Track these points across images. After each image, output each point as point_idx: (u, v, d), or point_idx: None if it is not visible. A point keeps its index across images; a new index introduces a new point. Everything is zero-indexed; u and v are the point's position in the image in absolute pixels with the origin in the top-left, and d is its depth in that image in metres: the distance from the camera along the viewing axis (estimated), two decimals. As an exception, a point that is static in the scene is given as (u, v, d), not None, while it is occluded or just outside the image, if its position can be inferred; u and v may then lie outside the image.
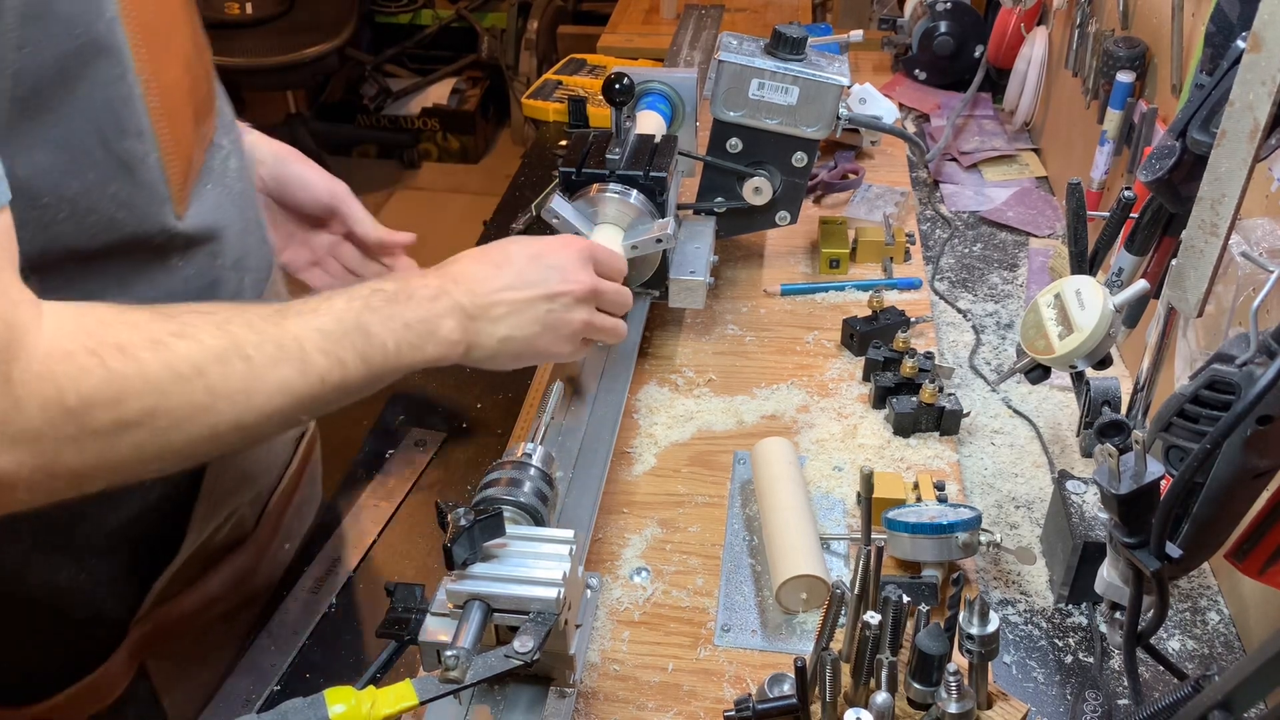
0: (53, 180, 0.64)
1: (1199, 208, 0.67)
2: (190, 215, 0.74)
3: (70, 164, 0.64)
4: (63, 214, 0.65)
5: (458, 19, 4.09)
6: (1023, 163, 1.59)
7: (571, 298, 0.85)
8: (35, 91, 0.61)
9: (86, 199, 0.66)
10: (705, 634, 0.86)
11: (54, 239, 0.66)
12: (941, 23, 1.73)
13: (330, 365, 0.69)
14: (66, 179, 0.65)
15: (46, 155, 0.63)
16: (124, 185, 0.68)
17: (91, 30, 0.63)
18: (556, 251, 0.87)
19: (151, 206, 0.71)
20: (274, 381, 0.66)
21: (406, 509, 0.99)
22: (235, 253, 0.81)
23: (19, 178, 0.60)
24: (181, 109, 0.73)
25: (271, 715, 0.60)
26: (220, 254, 0.79)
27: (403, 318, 0.75)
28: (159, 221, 0.72)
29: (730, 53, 1.13)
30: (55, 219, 0.65)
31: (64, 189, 0.65)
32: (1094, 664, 0.84)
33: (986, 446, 1.06)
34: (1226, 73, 0.70)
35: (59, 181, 0.64)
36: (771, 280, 1.30)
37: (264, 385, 0.66)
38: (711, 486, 1.00)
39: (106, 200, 0.67)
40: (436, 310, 0.78)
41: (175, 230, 0.73)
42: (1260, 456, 0.61)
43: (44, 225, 0.64)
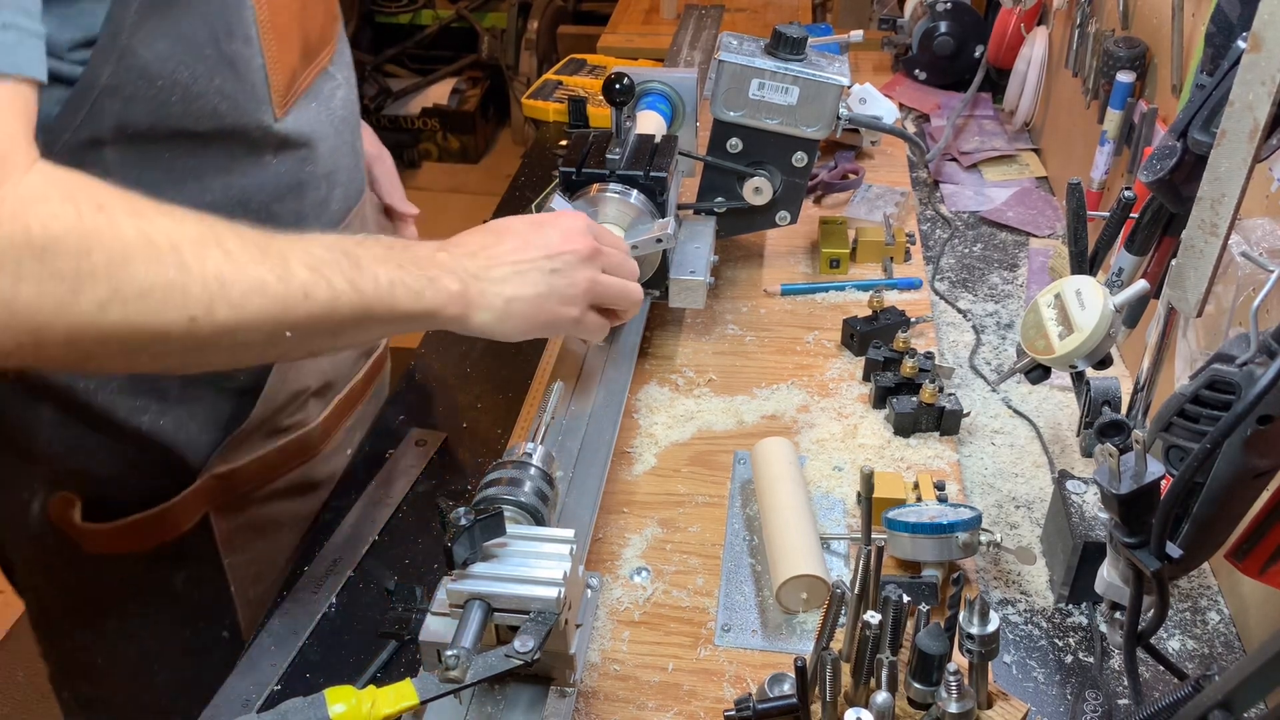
0: (169, 67, 0.75)
1: (1199, 208, 0.67)
2: (288, 120, 0.86)
3: (185, 55, 0.75)
4: (175, 96, 0.76)
5: (458, 19, 4.09)
6: (1023, 163, 1.59)
7: (575, 255, 0.85)
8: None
9: (195, 86, 0.77)
10: (705, 634, 0.86)
11: (165, 117, 0.77)
12: (941, 23, 1.73)
13: (315, 281, 0.69)
14: (180, 68, 0.76)
15: (166, 45, 0.74)
16: (228, 80, 0.79)
17: None
18: (557, 219, 0.88)
19: (250, 103, 0.81)
20: (252, 278, 0.66)
21: (406, 509, 0.99)
22: (326, 165, 0.93)
23: (143, 60, 0.73)
24: (289, 29, 0.84)
25: (272, 715, 0.60)
26: (311, 161, 0.90)
27: (398, 259, 0.76)
28: (256, 118, 0.82)
29: (730, 53, 1.13)
30: (168, 100, 0.76)
31: (177, 75, 0.76)
32: (1094, 664, 0.84)
33: (987, 446, 1.06)
34: (1227, 73, 0.70)
35: (174, 69, 0.75)
36: (772, 280, 1.30)
37: (240, 279, 0.65)
38: (712, 486, 1.00)
39: (212, 91, 0.78)
40: (436, 262, 0.79)
41: (270, 128, 0.84)
42: (1260, 456, 0.61)
43: (158, 103, 0.76)
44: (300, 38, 0.86)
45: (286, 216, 0.90)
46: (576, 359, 1.05)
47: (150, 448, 0.92)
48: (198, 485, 0.94)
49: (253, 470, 0.98)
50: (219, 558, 0.99)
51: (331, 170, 0.94)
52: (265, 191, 0.87)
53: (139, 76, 0.73)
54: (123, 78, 0.73)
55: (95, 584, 0.98)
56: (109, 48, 0.71)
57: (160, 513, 0.93)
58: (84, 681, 1.06)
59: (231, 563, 1.00)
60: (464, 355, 1.21)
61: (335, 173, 0.95)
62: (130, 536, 0.93)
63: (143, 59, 0.73)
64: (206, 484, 0.95)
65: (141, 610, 1.00)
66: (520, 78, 3.94)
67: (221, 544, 0.99)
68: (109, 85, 0.73)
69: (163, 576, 0.98)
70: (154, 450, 0.92)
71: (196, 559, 0.98)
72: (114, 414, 0.89)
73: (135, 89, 0.74)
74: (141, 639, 1.01)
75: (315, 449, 1.04)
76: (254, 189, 0.86)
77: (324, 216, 0.95)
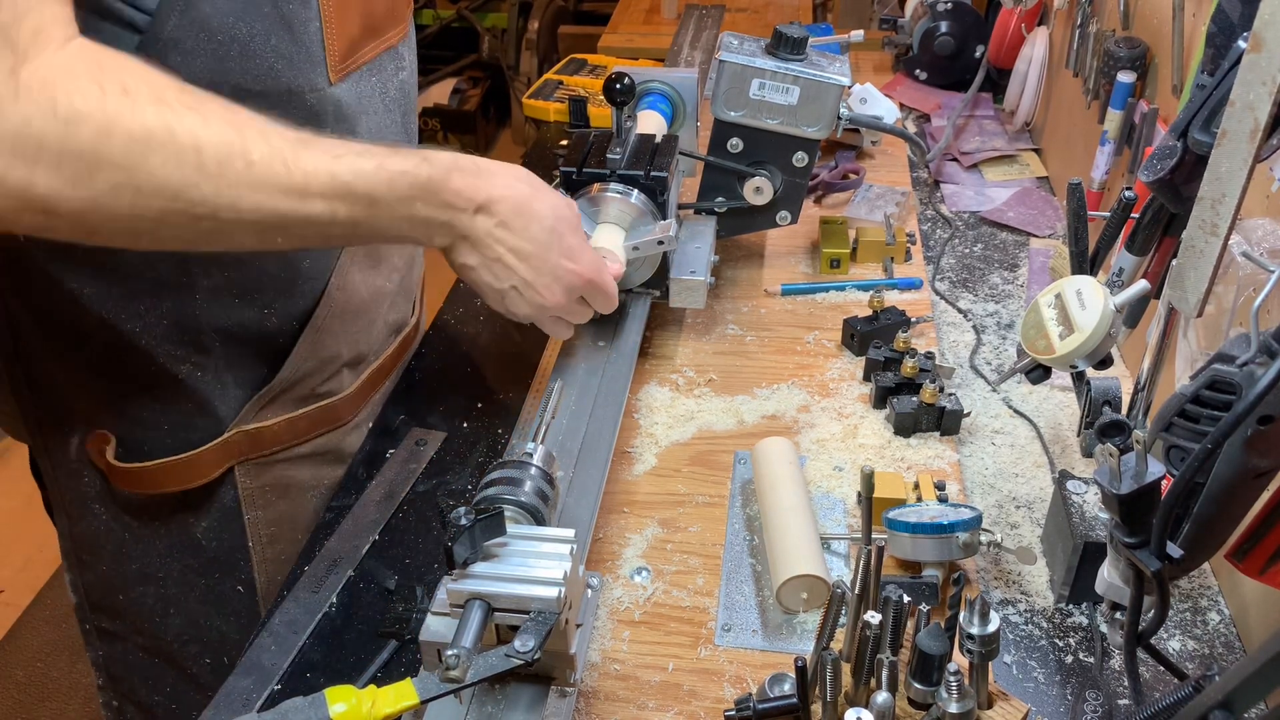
0: (228, 23, 0.78)
1: (1199, 208, 0.67)
2: (342, 87, 0.89)
3: (243, 11, 0.78)
4: (234, 51, 0.79)
5: (458, 19, 4.09)
6: (1023, 163, 1.59)
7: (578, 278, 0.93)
8: None
9: (253, 44, 0.80)
10: (706, 633, 0.86)
11: (224, 73, 0.79)
12: (942, 23, 1.73)
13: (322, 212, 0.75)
14: (238, 23, 0.79)
15: (225, 1, 0.77)
16: (284, 40, 0.81)
17: None
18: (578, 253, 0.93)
19: (306, 65, 0.84)
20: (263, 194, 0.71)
21: (407, 509, 0.99)
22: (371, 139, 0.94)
23: (204, 14, 0.76)
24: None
25: (272, 714, 0.60)
26: (358, 135, 0.92)
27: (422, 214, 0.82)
28: (310, 80, 0.85)
29: (731, 53, 1.13)
30: (227, 54, 0.79)
31: (235, 31, 0.79)
32: (1094, 664, 0.84)
33: (987, 446, 1.06)
34: (1227, 73, 0.70)
35: (233, 25, 0.78)
36: (772, 280, 1.30)
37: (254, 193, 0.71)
38: (712, 486, 1.00)
39: (269, 50, 0.81)
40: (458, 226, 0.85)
41: (324, 91, 0.87)
42: (1261, 456, 0.61)
43: (218, 58, 0.79)
44: (362, 9, 0.88)
45: None
46: (577, 358, 1.05)
47: (186, 397, 0.95)
48: (225, 438, 0.98)
49: (280, 430, 1.01)
50: (241, 512, 1.03)
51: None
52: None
53: (200, 29, 0.76)
54: (185, 31, 0.76)
55: (122, 522, 1.02)
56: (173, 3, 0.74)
57: (187, 459, 0.97)
58: (105, 615, 1.10)
59: (252, 519, 1.03)
60: (464, 355, 1.21)
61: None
62: (157, 478, 0.97)
63: (204, 12, 0.76)
64: (235, 438, 0.98)
65: (163, 554, 1.04)
66: (521, 78, 3.94)
67: (244, 500, 1.02)
68: (172, 38, 0.75)
69: (186, 523, 1.02)
70: (189, 400, 0.96)
71: (220, 511, 1.02)
72: (154, 360, 0.92)
73: (196, 42, 0.77)
74: (161, 581, 1.05)
75: (343, 418, 1.07)
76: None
77: None
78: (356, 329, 1.05)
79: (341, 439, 1.08)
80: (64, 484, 1.03)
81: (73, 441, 0.99)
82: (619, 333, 1.08)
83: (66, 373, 0.95)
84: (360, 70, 0.91)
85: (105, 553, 1.05)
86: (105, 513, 1.02)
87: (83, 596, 1.10)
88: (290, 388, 1.00)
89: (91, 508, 1.02)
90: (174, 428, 0.97)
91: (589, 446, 0.93)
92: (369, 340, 1.09)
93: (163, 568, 1.05)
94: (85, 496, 1.02)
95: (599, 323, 1.10)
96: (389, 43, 0.96)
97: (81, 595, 1.10)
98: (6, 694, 2.15)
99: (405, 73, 1.01)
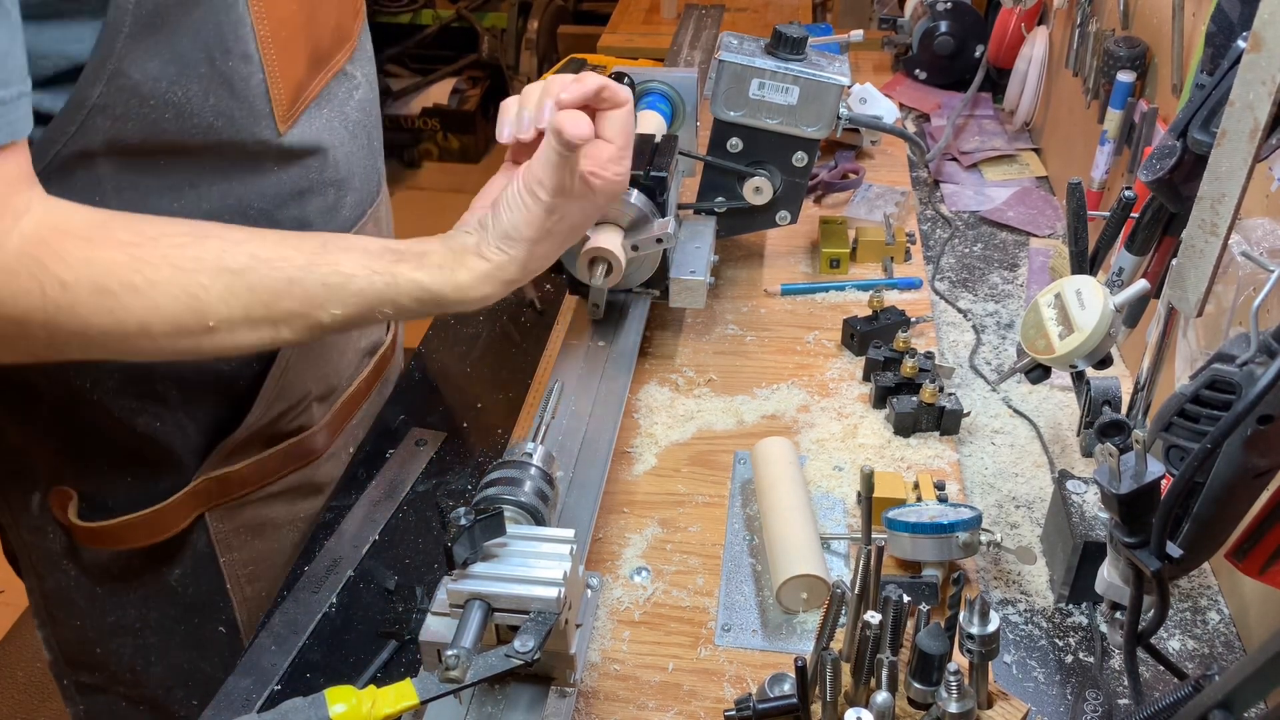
0: (161, 87, 0.73)
1: (1199, 207, 0.67)
2: (294, 133, 0.84)
3: (178, 75, 0.73)
4: (168, 115, 0.74)
5: (458, 19, 4.09)
6: (1023, 162, 1.59)
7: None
8: (156, 13, 0.70)
9: (189, 106, 0.75)
10: (706, 634, 0.86)
11: (157, 133, 0.75)
12: (942, 22, 1.73)
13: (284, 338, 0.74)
14: (173, 87, 0.73)
15: (158, 65, 0.72)
16: (224, 99, 0.77)
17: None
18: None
19: (249, 120, 0.79)
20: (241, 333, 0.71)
21: (406, 509, 0.99)
22: (336, 172, 0.91)
23: (133, 80, 0.71)
24: (293, 42, 0.81)
25: (272, 715, 0.60)
26: (322, 169, 0.89)
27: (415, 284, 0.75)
28: (254, 134, 0.80)
29: (730, 52, 1.13)
30: (161, 118, 0.74)
31: (170, 95, 0.74)
32: (1094, 664, 0.84)
33: (987, 446, 1.06)
34: (1227, 72, 0.70)
35: (166, 89, 0.73)
36: (772, 280, 1.30)
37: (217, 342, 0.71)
38: (712, 486, 1.00)
39: (207, 110, 0.76)
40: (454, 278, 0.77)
41: (271, 143, 0.82)
42: (1261, 456, 0.61)
43: (150, 121, 0.74)
44: (308, 48, 0.84)
45: (288, 223, 0.88)
46: (577, 359, 1.05)
47: (146, 448, 0.92)
48: (192, 487, 0.94)
49: (249, 473, 0.98)
50: (215, 556, 1.00)
51: (345, 177, 0.92)
52: (266, 198, 0.85)
53: (130, 96, 0.72)
54: (113, 97, 0.71)
55: (93, 577, 0.99)
56: (99, 69, 0.70)
57: (152, 514, 0.93)
58: (84, 670, 1.07)
59: (228, 561, 1.01)
60: (464, 354, 1.21)
61: (349, 179, 0.93)
62: (124, 534, 0.94)
63: (133, 79, 0.71)
64: (202, 486, 0.95)
65: (139, 604, 1.01)
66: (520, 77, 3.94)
67: (218, 543, 0.99)
68: (98, 105, 0.71)
69: (159, 572, 0.99)
70: (150, 450, 0.92)
71: (193, 557, 0.99)
72: (110, 413, 0.88)
73: (126, 107, 0.72)
74: (139, 631, 1.02)
75: (317, 452, 1.04)
76: (254, 196, 0.84)
77: (333, 222, 0.93)
78: (325, 364, 1.01)
79: (315, 471, 1.05)
80: (29, 541, 1.00)
81: (34, 498, 0.95)
82: (619, 333, 1.08)
83: (20, 430, 0.91)
84: (310, 107, 0.86)
85: (77, 608, 1.02)
86: (74, 568, 0.99)
87: (57, 653, 1.07)
88: (257, 431, 0.96)
89: (60, 564, 0.99)
90: (138, 480, 0.93)
91: (589, 446, 0.93)
92: (339, 372, 1.05)
93: (139, 618, 1.02)
94: (52, 553, 0.99)
95: (599, 323, 1.10)
96: (336, 67, 0.90)
97: (56, 651, 1.07)
98: (6, 694, 2.15)
99: (361, 91, 0.95)
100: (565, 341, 1.08)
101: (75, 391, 0.86)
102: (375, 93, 1.00)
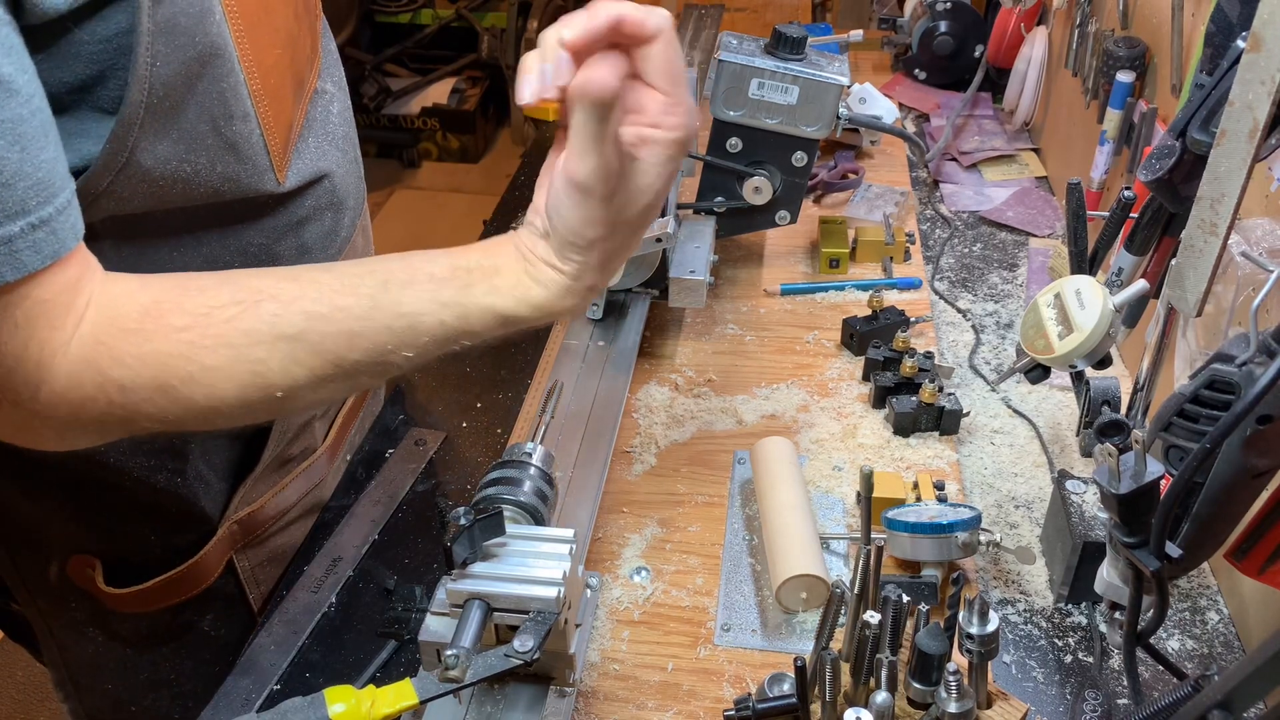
0: (170, 167, 0.70)
1: (1198, 207, 0.67)
2: (291, 175, 0.81)
3: (187, 151, 0.71)
4: (175, 189, 0.72)
5: (458, 18, 4.09)
6: (1022, 162, 1.59)
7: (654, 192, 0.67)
8: (164, 98, 0.67)
9: (196, 178, 0.73)
10: (705, 633, 0.86)
11: (162, 203, 0.73)
12: (941, 22, 1.73)
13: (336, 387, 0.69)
14: (181, 165, 0.71)
15: (167, 146, 0.69)
16: (230, 164, 0.74)
17: (207, 36, 0.68)
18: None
19: (252, 178, 0.77)
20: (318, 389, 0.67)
21: (406, 509, 0.99)
22: (334, 196, 0.88)
23: (144, 167, 0.68)
24: (282, 85, 0.78)
25: (272, 714, 0.60)
26: (318, 195, 0.86)
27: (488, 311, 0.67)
28: (258, 188, 0.78)
29: (730, 52, 1.13)
30: (169, 192, 0.72)
31: (179, 172, 0.71)
32: (1094, 663, 0.84)
33: (986, 446, 1.06)
34: (1226, 72, 0.70)
35: (175, 167, 0.71)
36: (771, 280, 1.30)
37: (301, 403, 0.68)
38: (711, 486, 1.00)
39: (214, 177, 0.74)
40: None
41: (275, 193, 0.79)
42: (1260, 456, 0.61)
43: (156, 196, 0.72)
44: (292, 85, 0.80)
45: (288, 254, 0.86)
46: (577, 359, 1.05)
47: (168, 503, 0.88)
48: (220, 534, 0.92)
49: (270, 508, 0.96)
50: (245, 594, 0.98)
51: (341, 199, 0.89)
52: (265, 234, 0.83)
53: (139, 180, 0.69)
54: (121, 185, 0.68)
55: (124, 640, 0.96)
56: (110, 163, 0.67)
57: (188, 569, 0.91)
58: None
59: (256, 595, 0.99)
60: (464, 355, 1.21)
61: (344, 199, 0.90)
62: (160, 595, 0.91)
63: (145, 166, 0.69)
64: (229, 531, 0.93)
65: (172, 656, 0.98)
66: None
67: (246, 582, 0.97)
68: (106, 190, 0.68)
69: (190, 624, 0.96)
70: (172, 505, 0.89)
71: (223, 601, 0.97)
72: (127, 473, 0.85)
73: (133, 189, 0.69)
74: (174, 683, 0.99)
75: (324, 470, 1.02)
76: (253, 234, 0.82)
77: (332, 246, 0.91)
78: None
79: (323, 490, 1.04)
80: (48, 613, 0.96)
81: (51, 569, 0.91)
82: (618, 332, 1.08)
83: (32, 499, 0.87)
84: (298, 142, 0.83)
85: (108, 673, 0.98)
86: (101, 635, 0.95)
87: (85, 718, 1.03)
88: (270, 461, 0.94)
89: (85, 632, 0.95)
90: (161, 537, 0.90)
91: (588, 446, 0.93)
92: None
93: (174, 670, 0.99)
94: (76, 622, 0.95)
95: (599, 323, 1.10)
96: (310, 89, 0.85)
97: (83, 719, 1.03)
98: (6, 694, 2.15)
99: (337, 102, 0.90)
100: (565, 341, 1.08)
101: (87, 457, 0.82)
102: (347, 96, 0.94)
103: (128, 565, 0.90)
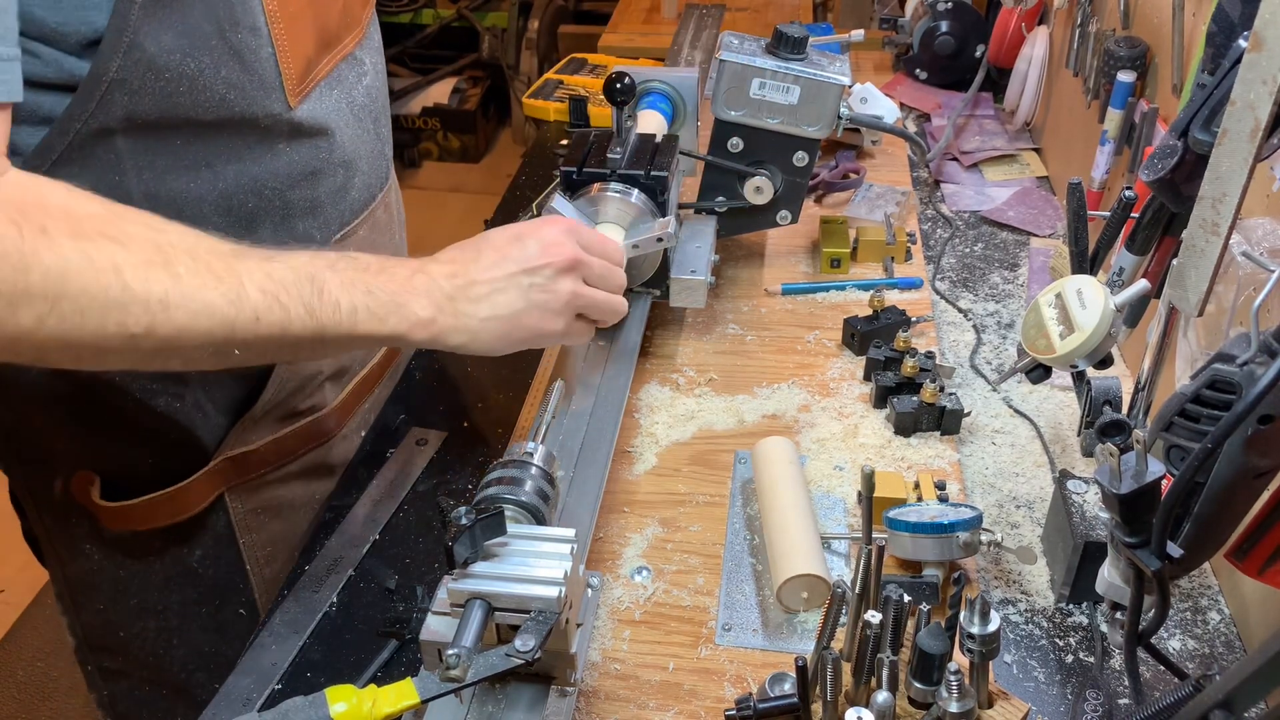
0: (175, 60, 0.76)
1: (1200, 207, 0.67)
2: (303, 108, 0.86)
3: (190, 47, 0.76)
4: (182, 88, 0.77)
5: (458, 18, 4.09)
6: (1023, 162, 1.59)
7: (553, 269, 0.85)
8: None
9: (202, 78, 0.78)
10: (706, 633, 0.86)
11: (173, 107, 0.78)
12: (942, 22, 1.73)
13: (268, 305, 0.71)
14: (186, 60, 0.76)
15: (171, 38, 0.75)
16: (234, 71, 0.79)
17: None
18: (537, 230, 0.88)
19: (259, 93, 0.82)
20: (198, 301, 0.68)
21: (407, 508, 0.99)
22: (344, 153, 0.94)
23: (149, 53, 0.74)
24: (300, 17, 0.84)
25: (273, 714, 0.60)
26: (329, 149, 0.91)
27: (366, 284, 0.77)
28: (265, 107, 0.83)
29: (731, 52, 1.13)
30: (176, 91, 0.77)
31: (183, 67, 0.76)
32: (1095, 663, 0.84)
33: (987, 446, 1.06)
34: (1228, 72, 0.70)
35: (180, 61, 0.76)
36: (772, 279, 1.30)
37: (185, 302, 0.68)
38: (712, 486, 1.00)
39: (219, 82, 0.79)
40: (410, 287, 0.79)
41: (282, 117, 0.85)
42: (1261, 456, 0.61)
43: (166, 95, 0.77)
44: (315, 26, 0.86)
45: (300, 203, 0.91)
46: (577, 359, 1.05)
47: (166, 429, 0.94)
48: (211, 466, 0.96)
49: (267, 452, 1.00)
50: (235, 538, 1.02)
51: (350, 158, 0.95)
52: (279, 178, 0.88)
53: (146, 69, 0.75)
54: (129, 71, 0.74)
55: (116, 560, 1.01)
56: (115, 42, 0.73)
57: (174, 492, 0.95)
58: (107, 654, 1.09)
59: (247, 542, 1.03)
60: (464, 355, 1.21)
61: (355, 160, 0.96)
62: (146, 514, 0.96)
63: (149, 52, 0.74)
64: (220, 465, 0.97)
65: (161, 586, 1.03)
66: (521, 77, 3.94)
67: (237, 525, 1.01)
68: (116, 79, 0.74)
69: (181, 555, 1.01)
70: (169, 431, 0.94)
71: (213, 538, 1.01)
72: (129, 394, 0.91)
73: (142, 82, 0.75)
74: (161, 614, 1.04)
75: (330, 432, 1.06)
76: (267, 175, 0.87)
77: (342, 204, 0.96)
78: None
79: (329, 452, 1.07)
80: (51, 528, 1.01)
81: (56, 484, 0.97)
82: (619, 332, 1.08)
83: (41, 414, 0.93)
84: (319, 86, 0.89)
85: (101, 592, 1.04)
86: (97, 552, 1.01)
87: (81, 638, 1.09)
88: (273, 408, 0.99)
89: (83, 548, 1.01)
90: (158, 460, 0.95)
91: (589, 446, 0.93)
92: (350, 353, 1.07)
93: (161, 600, 1.03)
94: (75, 538, 1.00)
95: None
96: (345, 50, 0.93)
97: (80, 637, 1.09)
98: (6, 694, 2.15)
99: (369, 78, 0.98)
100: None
101: (95, 375, 0.88)
102: (384, 83, 1.03)
103: (124, 485, 0.95)
